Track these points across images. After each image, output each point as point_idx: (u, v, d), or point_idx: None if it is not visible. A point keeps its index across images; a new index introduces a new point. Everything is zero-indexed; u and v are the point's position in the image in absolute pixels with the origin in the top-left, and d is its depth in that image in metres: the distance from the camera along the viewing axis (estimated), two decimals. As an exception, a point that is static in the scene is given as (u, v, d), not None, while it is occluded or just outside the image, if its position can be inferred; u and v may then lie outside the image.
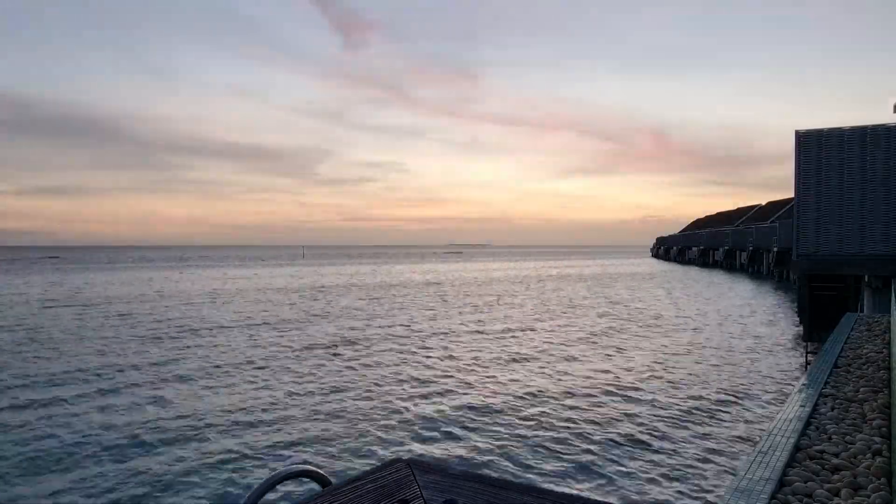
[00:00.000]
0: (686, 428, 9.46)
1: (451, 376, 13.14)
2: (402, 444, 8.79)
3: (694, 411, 10.39)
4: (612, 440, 8.88)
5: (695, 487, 7.18)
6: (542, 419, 9.92)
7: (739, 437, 9.00)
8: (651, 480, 7.40)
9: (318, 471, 1.62)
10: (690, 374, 13.25)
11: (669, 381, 12.59)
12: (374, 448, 8.61)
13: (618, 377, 13.02)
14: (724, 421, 9.85)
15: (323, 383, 12.51)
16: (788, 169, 15.24)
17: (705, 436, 9.07)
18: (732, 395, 11.41)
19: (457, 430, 9.40)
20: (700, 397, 11.30)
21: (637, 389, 11.92)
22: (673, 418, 9.99)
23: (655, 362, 14.64)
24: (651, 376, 13.08)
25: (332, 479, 1.60)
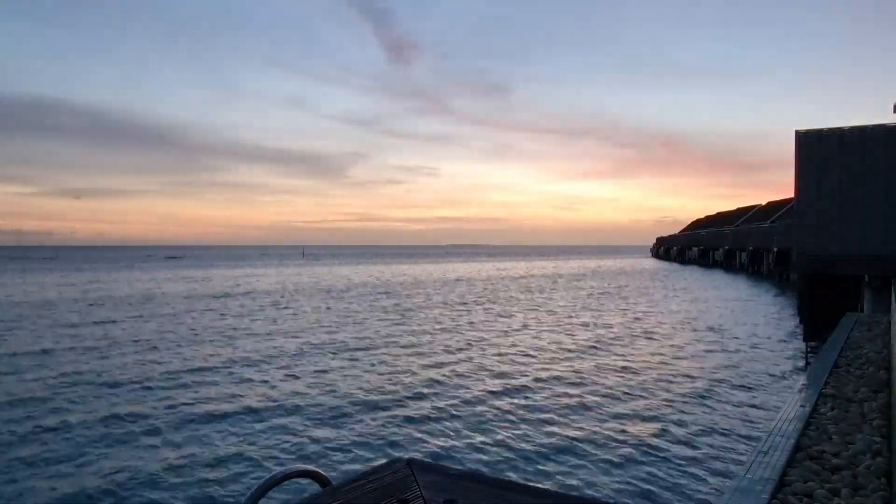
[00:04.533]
0: (680, 429, 9.46)
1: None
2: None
3: (692, 412, 10.38)
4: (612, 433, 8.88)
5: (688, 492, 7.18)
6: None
7: (738, 437, 9.00)
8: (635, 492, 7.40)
9: (318, 471, 1.62)
10: (689, 372, 13.24)
11: (665, 382, 12.58)
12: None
13: (620, 374, 13.03)
14: (723, 420, 9.84)
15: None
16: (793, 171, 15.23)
17: (701, 439, 9.07)
18: (731, 395, 11.41)
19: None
20: (699, 396, 11.30)
21: (633, 388, 11.92)
22: (666, 420, 9.99)
23: (650, 363, 14.64)
24: (647, 376, 13.08)
25: (332, 479, 1.61)
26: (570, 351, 16.36)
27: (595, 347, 16.94)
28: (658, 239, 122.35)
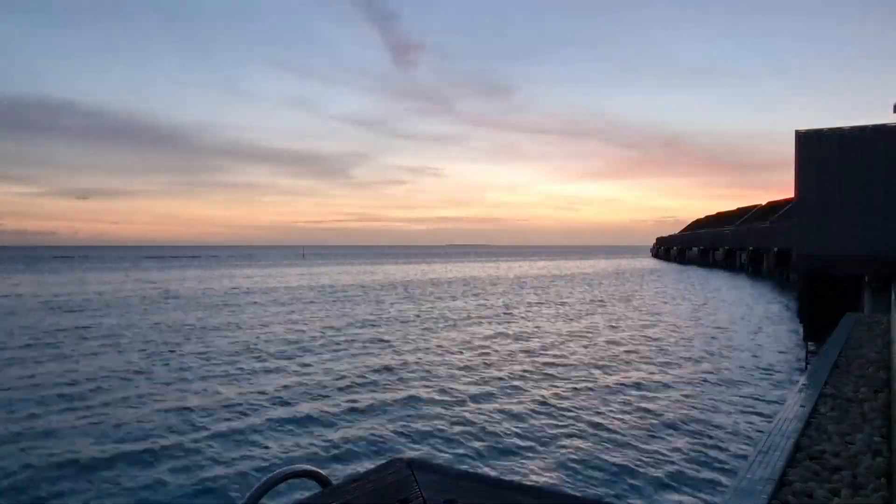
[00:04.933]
0: (679, 429, 9.46)
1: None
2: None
3: (690, 411, 10.38)
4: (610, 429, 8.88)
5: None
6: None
7: (737, 437, 9.00)
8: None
9: (318, 471, 1.62)
10: (688, 371, 13.23)
11: (663, 380, 12.58)
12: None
13: (618, 372, 13.03)
14: (723, 419, 9.84)
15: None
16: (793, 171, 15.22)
17: (699, 441, 9.06)
18: (731, 395, 11.41)
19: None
20: (699, 396, 11.30)
21: (628, 387, 11.92)
22: (664, 420, 9.98)
23: (649, 361, 14.63)
24: (645, 374, 13.08)
25: (332, 479, 1.60)
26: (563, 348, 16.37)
27: (594, 343, 16.95)
28: (658, 239, 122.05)
